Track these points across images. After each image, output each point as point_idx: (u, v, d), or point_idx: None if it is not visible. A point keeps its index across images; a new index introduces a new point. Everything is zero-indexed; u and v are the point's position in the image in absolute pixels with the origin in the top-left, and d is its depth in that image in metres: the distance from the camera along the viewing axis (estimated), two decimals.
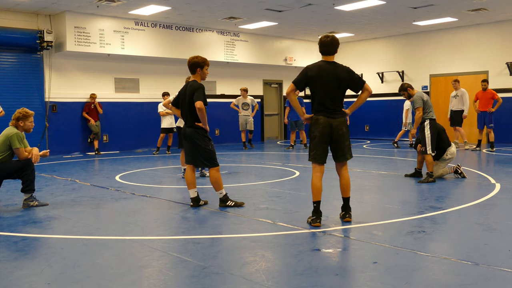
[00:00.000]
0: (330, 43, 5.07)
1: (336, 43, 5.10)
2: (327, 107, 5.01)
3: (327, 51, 5.10)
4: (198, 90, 5.81)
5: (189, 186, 6.10)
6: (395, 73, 17.41)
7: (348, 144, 5.14)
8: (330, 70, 5.02)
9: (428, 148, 7.70)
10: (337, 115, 5.03)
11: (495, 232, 4.69)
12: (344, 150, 5.11)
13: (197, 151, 5.93)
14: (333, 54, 5.13)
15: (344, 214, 5.22)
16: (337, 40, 5.13)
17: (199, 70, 6.01)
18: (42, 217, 5.68)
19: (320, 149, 5.07)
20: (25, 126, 6.26)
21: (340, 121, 5.03)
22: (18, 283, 3.50)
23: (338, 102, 5.07)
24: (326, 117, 5.01)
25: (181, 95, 6.12)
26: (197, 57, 6.05)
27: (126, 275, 3.64)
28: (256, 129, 17.20)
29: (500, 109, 13.20)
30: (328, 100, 5.01)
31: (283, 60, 17.33)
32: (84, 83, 13.66)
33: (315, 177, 5.11)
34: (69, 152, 13.38)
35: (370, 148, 14.47)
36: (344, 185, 5.20)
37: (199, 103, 5.75)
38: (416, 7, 12.86)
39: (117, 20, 13.43)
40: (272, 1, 12.01)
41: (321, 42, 5.11)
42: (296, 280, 3.47)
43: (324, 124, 5.00)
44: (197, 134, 5.91)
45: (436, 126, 7.82)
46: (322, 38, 5.11)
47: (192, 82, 5.99)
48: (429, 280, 3.44)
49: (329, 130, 5.01)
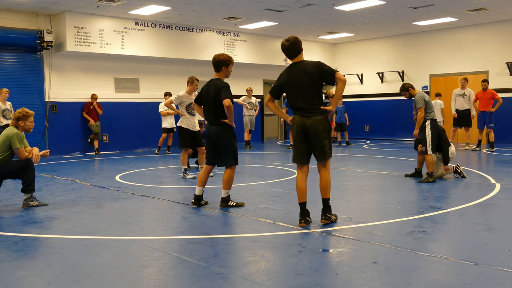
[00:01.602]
0: (290, 48, 5.04)
1: (296, 45, 5.04)
2: (300, 106, 4.97)
3: (290, 55, 5.09)
4: (224, 89, 5.82)
5: (199, 183, 6.07)
6: (395, 73, 17.41)
7: (326, 143, 4.96)
8: (298, 70, 4.99)
9: (429, 148, 7.70)
10: (311, 113, 4.92)
11: (495, 232, 4.69)
12: (322, 149, 4.95)
13: (221, 148, 5.92)
14: (297, 55, 5.06)
15: (321, 216, 5.05)
16: (296, 41, 5.05)
17: (224, 68, 5.98)
18: (42, 217, 5.68)
19: (297, 149, 5.06)
20: (25, 126, 6.26)
21: (315, 120, 4.90)
22: (18, 283, 3.50)
23: (312, 100, 4.94)
24: (300, 117, 4.96)
25: (204, 93, 6.08)
26: (223, 54, 6.02)
27: (126, 275, 3.64)
28: (256, 129, 17.21)
29: (500, 109, 13.19)
30: (301, 100, 4.96)
31: (283, 60, 17.32)
32: (84, 83, 13.67)
33: (297, 179, 5.10)
34: (69, 152, 13.38)
35: (370, 148, 14.47)
36: (322, 185, 5.01)
37: (228, 101, 5.76)
38: (416, 7, 12.86)
39: (117, 20, 13.43)
40: (272, 1, 12.01)
41: (282, 48, 5.09)
42: (296, 280, 3.47)
43: (298, 123, 4.97)
44: (222, 130, 5.91)
45: (437, 127, 7.82)
46: (282, 43, 5.09)
47: (216, 81, 5.97)
48: (429, 280, 3.43)
49: (303, 129, 4.95)
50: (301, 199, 5.04)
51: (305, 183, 5.07)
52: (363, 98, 18.41)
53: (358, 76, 18.40)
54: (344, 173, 8.87)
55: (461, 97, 13.06)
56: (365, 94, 18.32)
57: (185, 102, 8.46)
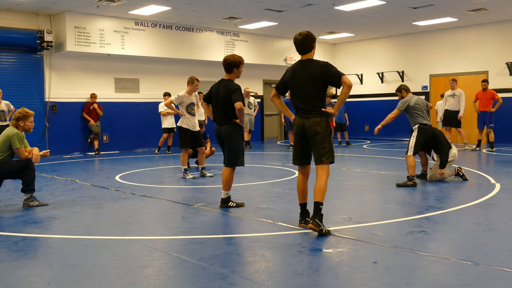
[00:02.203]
0: (300, 42, 4.87)
1: (308, 41, 4.84)
2: (300, 107, 4.86)
3: (299, 50, 4.93)
4: (236, 91, 5.84)
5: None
6: (395, 73, 17.41)
7: (324, 145, 4.73)
8: (303, 69, 4.86)
9: (410, 150, 7.54)
10: (311, 115, 4.77)
11: (495, 232, 4.69)
12: (319, 152, 4.74)
13: (229, 147, 5.92)
14: (308, 52, 4.88)
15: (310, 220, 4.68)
16: (310, 37, 4.86)
17: (235, 70, 5.97)
18: (42, 217, 5.68)
19: (295, 150, 5.01)
20: (25, 126, 6.26)
21: (314, 121, 4.74)
22: (18, 283, 3.50)
23: (313, 101, 4.79)
24: (300, 118, 4.86)
25: (214, 92, 6.07)
26: (233, 56, 6.00)
27: (126, 275, 3.64)
28: (256, 129, 17.22)
29: (500, 109, 13.19)
30: (301, 100, 4.85)
31: (283, 60, 17.34)
32: (84, 83, 13.67)
33: (298, 180, 5.05)
34: (69, 152, 13.38)
35: (370, 148, 14.47)
36: (316, 188, 4.71)
37: (240, 104, 5.78)
38: (416, 7, 12.86)
39: (117, 20, 13.43)
40: (272, 1, 12.01)
41: (294, 41, 4.93)
42: (296, 280, 3.47)
43: (298, 125, 4.88)
44: (233, 130, 5.91)
45: (425, 133, 7.61)
46: (294, 37, 4.93)
47: (227, 82, 5.96)
48: (429, 280, 3.43)
49: (302, 130, 4.84)
50: (301, 200, 5.02)
51: (306, 184, 5.02)
52: (363, 98, 18.41)
53: (358, 76, 18.40)
54: (344, 173, 8.87)
55: (452, 97, 13.03)
56: (365, 94, 18.32)
57: (185, 102, 8.46)
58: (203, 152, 8.77)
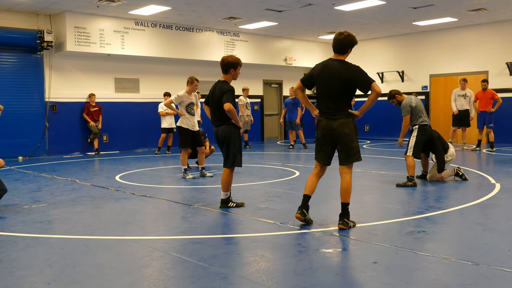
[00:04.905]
0: (341, 41, 4.88)
1: (347, 43, 4.88)
2: (328, 107, 4.88)
3: (336, 49, 4.94)
4: (227, 93, 5.77)
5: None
6: (395, 73, 17.40)
7: (354, 146, 4.86)
8: (333, 69, 4.86)
9: (410, 151, 7.52)
10: (338, 116, 4.82)
11: (495, 232, 4.69)
12: (348, 152, 4.86)
13: (226, 148, 5.91)
14: (343, 54, 4.92)
15: (338, 220, 4.91)
16: (350, 39, 4.89)
17: (232, 71, 5.93)
18: (42, 217, 5.68)
19: (321, 150, 5.01)
20: None
21: (342, 122, 4.80)
22: (18, 283, 3.50)
23: (340, 103, 4.85)
24: (327, 119, 4.88)
25: (210, 94, 6.06)
26: (231, 57, 5.95)
27: (126, 275, 3.64)
28: (256, 129, 17.22)
29: (500, 109, 13.18)
30: (329, 101, 4.86)
31: (283, 60, 17.33)
32: (84, 83, 13.67)
33: (312, 174, 5.09)
34: (69, 152, 13.38)
35: (370, 148, 14.46)
36: (343, 188, 4.91)
37: (228, 105, 5.70)
38: (416, 7, 12.86)
39: (117, 20, 13.43)
40: (272, 1, 12.01)
41: (334, 38, 4.94)
42: (296, 280, 3.47)
43: (325, 126, 4.90)
44: (229, 130, 5.87)
45: (425, 133, 7.59)
46: (336, 34, 4.94)
47: (222, 84, 5.92)
48: (429, 280, 3.43)
49: (330, 132, 4.88)
50: (307, 191, 4.99)
51: (317, 181, 5.06)
52: (363, 98, 18.38)
53: None
54: None
55: (462, 97, 13.07)
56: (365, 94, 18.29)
57: (185, 102, 8.47)
58: (203, 152, 8.77)
